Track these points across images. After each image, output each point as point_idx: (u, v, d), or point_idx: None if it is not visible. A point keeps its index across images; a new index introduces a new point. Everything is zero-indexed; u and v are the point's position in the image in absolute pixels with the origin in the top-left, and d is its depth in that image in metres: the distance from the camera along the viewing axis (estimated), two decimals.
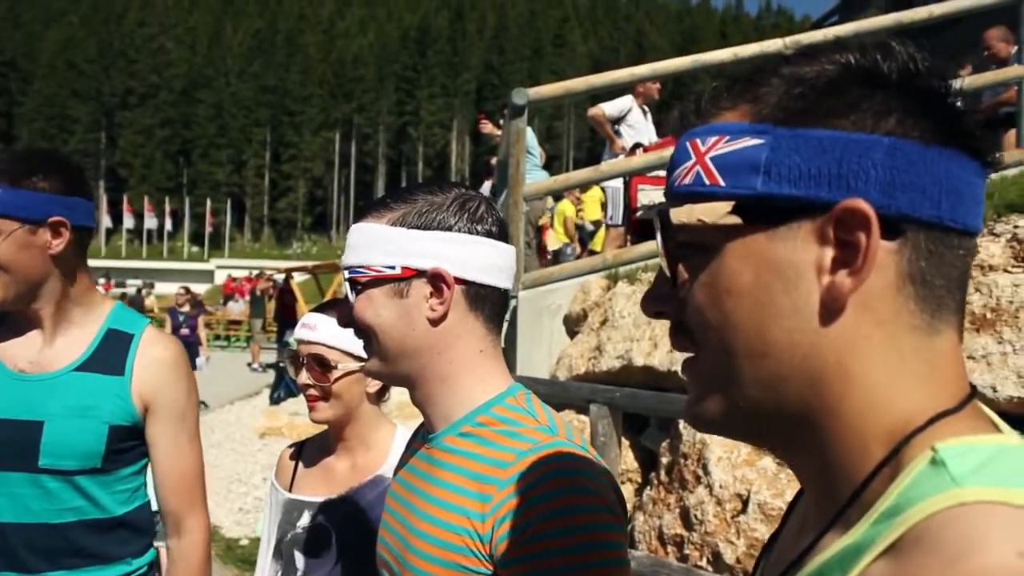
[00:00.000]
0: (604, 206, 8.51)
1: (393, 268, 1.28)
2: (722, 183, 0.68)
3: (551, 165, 9.73)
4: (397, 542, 1.31)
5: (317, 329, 2.02)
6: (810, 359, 0.66)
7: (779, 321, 0.66)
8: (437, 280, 1.27)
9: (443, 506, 1.23)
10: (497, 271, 1.32)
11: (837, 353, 0.66)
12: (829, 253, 0.65)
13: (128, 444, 2.08)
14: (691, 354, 0.73)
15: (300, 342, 2.04)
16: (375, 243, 1.29)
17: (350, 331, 1.94)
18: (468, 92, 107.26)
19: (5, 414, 2.00)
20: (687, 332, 0.72)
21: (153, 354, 2.11)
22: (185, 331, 14.69)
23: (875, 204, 0.63)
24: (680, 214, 0.70)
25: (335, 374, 2.00)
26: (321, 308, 2.11)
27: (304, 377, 2.01)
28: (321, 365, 2.00)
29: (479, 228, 1.30)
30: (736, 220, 0.67)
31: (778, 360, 0.67)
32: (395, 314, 1.28)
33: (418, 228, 1.28)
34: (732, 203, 0.67)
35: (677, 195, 0.71)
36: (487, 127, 9.01)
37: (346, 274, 1.31)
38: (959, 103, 0.67)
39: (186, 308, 15.40)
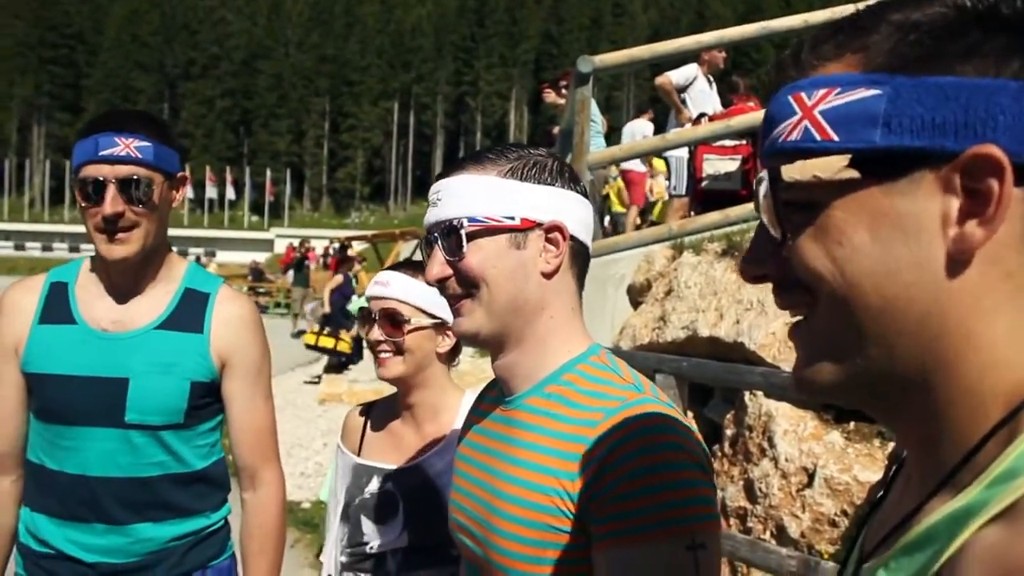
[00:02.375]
0: (667, 176, 8.41)
1: (512, 219, 1.26)
2: (835, 137, 0.65)
3: (611, 136, 9.60)
4: (478, 507, 1.30)
5: (390, 285, 2.03)
6: (930, 315, 0.64)
7: (898, 275, 0.64)
8: (553, 233, 1.27)
9: (530, 467, 1.22)
10: (589, 230, 1.34)
11: (959, 308, 0.63)
12: (955, 203, 0.62)
13: (207, 400, 2.14)
14: (800, 316, 0.71)
15: (372, 299, 2.06)
16: (489, 193, 1.26)
17: (421, 287, 1.98)
18: (527, 62, 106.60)
19: (92, 371, 2.05)
20: (795, 290, 0.70)
21: (230, 312, 2.17)
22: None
23: (1006, 150, 0.60)
24: (792, 171, 0.66)
25: (407, 328, 2.00)
26: (393, 267, 2.12)
27: (376, 333, 2.02)
28: (393, 320, 2.01)
29: (576, 187, 1.33)
30: (854, 174, 0.64)
31: (895, 316, 0.64)
32: (512, 265, 1.26)
33: (533, 182, 1.28)
34: (848, 157, 0.64)
35: (781, 152, 0.68)
36: (550, 96, 8.96)
37: (464, 222, 1.26)
38: None
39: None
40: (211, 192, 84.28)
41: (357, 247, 24.09)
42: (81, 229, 2.13)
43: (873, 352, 0.66)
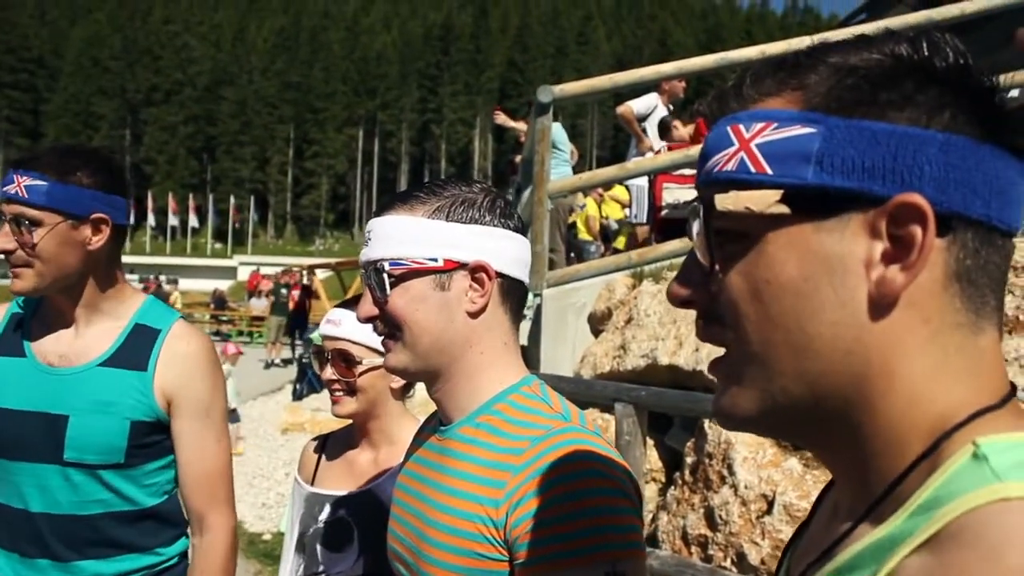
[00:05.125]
0: (627, 204, 8.48)
1: (435, 260, 1.27)
2: (769, 171, 0.66)
3: (575, 164, 9.66)
4: (410, 534, 1.32)
5: (342, 325, 2.02)
6: (853, 355, 0.65)
7: (822, 315, 0.65)
8: (478, 272, 1.28)
9: (458, 495, 1.24)
10: (523, 265, 1.35)
11: (881, 349, 0.65)
12: (879, 247, 0.64)
13: (153, 439, 2.10)
14: (721, 347, 0.72)
15: (325, 337, 2.05)
16: (413, 235, 1.27)
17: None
18: (491, 90, 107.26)
19: (34, 406, 2.03)
20: (718, 323, 0.71)
21: (177, 349, 2.12)
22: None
23: (929, 200, 0.62)
24: (726, 200, 0.68)
25: (359, 369, 2.00)
26: (346, 304, 2.11)
27: (329, 372, 2.02)
28: (345, 360, 2.00)
29: (509, 223, 1.33)
30: (784, 209, 0.66)
31: (818, 355, 0.65)
32: (435, 307, 1.28)
33: (458, 222, 1.29)
34: (780, 192, 0.66)
35: (716, 182, 0.69)
36: (500, 118, 9.06)
37: (385, 266, 1.28)
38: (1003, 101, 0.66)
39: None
40: (174, 219, 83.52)
41: (321, 275, 23.96)
42: None
43: (793, 388, 0.67)
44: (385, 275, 1.28)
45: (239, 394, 11.10)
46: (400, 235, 1.28)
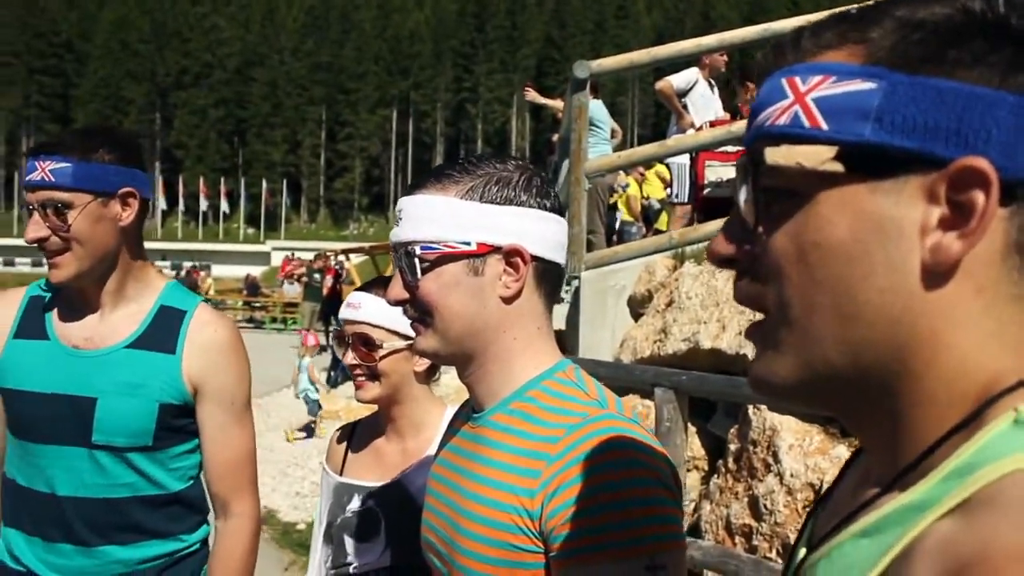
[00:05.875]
0: (668, 184, 8.33)
1: (468, 244, 1.24)
2: (825, 126, 0.63)
3: (618, 144, 9.53)
4: (444, 524, 1.30)
5: (361, 308, 2.02)
6: (900, 324, 0.63)
7: (871, 281, 0.63)
8: (513, 257, 1.25)
9: (492, 485, 1.22)
10: (560, 247, 1.32)
11: (931, 319, 0.62)
12: (937, 212, 0.61)
13: (180, 422, 2.12)
14: (758, 311, 0.69)
15: (345, 321, 2.05)
16: (445, 217, 1.24)
17: (396, 309, 1.89)
18: (528, 67, 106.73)
19: (61, 389, 2.04)
20: (758, 285, 0.68)
21: (205, 335, 2.14)
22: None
23: (995, 165, 0.59)
24: (776, 154, 0.64)
25: (380, 353, 2.00)
26: (366, 287, 2.11)
27: (350, 357, 2.02)
28: (366, 344, 2.00)
29: (546, 203, 1.30)
30: (838, 167, 0.63)
31: (864, 323, 0.63)
32: (468, 292, 1.25)
33: (493, 203, 1.26)
34: (835, 149, 0.63)
35: (768, 135, 0.66)
36: (530, 94, 8.99)
37: (416, 250, 1.25)
38: None
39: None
40: (204, 204, 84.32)
41: (355, 259, 24.01)
42: None
43: (834, 357, 0.65)
44: (417, 259, 1.25)
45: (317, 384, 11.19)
46: (432, 217, 1.25)
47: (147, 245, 2.23)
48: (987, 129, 0.60)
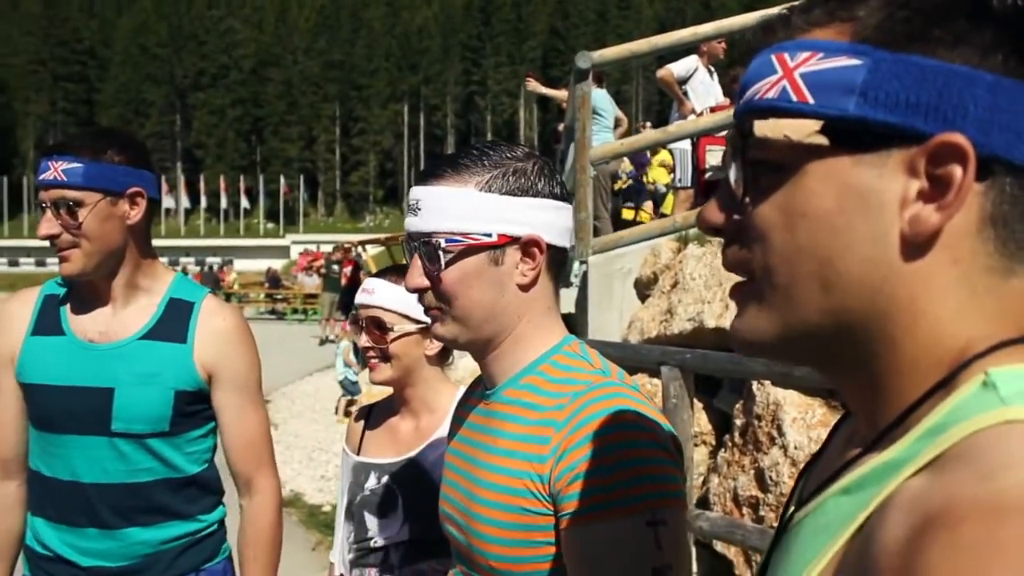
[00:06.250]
0: (672, 169, 8.43)
1: (490, 236, 1.28)
2: (811, 100, 0.65)
3: (624, 133, 9.61)
4: (460, 495, 1.36)
5: (375, 293, 2.10)
6: (880, 291, 0.65)
7: (853, 250, 0.65)
8: (531, 247, 1.30)
9: (505, 454, 1.28)
10: (568, 233, 1.37)
11: (909, 287, 0.65)
12: (916, 185, 0.63)
13: (194, 408, 2.19)
14: (744, 275, 0.72)
15: (360, 306, 2.12)
16: (467, 209, 1.28)
17: (405, 294, 2.00)
18: (534, 59, 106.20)
19: (79, 381, 2.12)
20: (745, 251, 0.71)
21: (214, 325, 2.21)
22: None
23: (972, 141, 0.61)
24: (764, 127, 0.67)
25: (391, 335, 2.06)
26: (380, 274, 2.18)
27: (364, 340, 2.10)
28: (379, 327, 2.07)
29: (557, 191, 1.34)
30: (823, 140, 0.65)
31: (845, 290, 0.66)
32: (488, 281, 1.30)
33: (511, 194, 1.29)
34: (821, 123, 0.65)
35: (757, 109, 0.69)
36: (531, 84, 9.09)
37: (441, 242, 1.28)
38: None
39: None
40: (225, 201, 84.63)
41: (372, 250, 24.15)
42: None
43: (814, 319, 0.67)
44: (442, 252, 1.28)
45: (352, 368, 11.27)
46: (454, 209, 1.28)
47: (172, 243, 2.34)
48: (965, 106, 0.62)
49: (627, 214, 10.13)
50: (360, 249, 22.64)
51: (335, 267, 21.48)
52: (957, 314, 0.65)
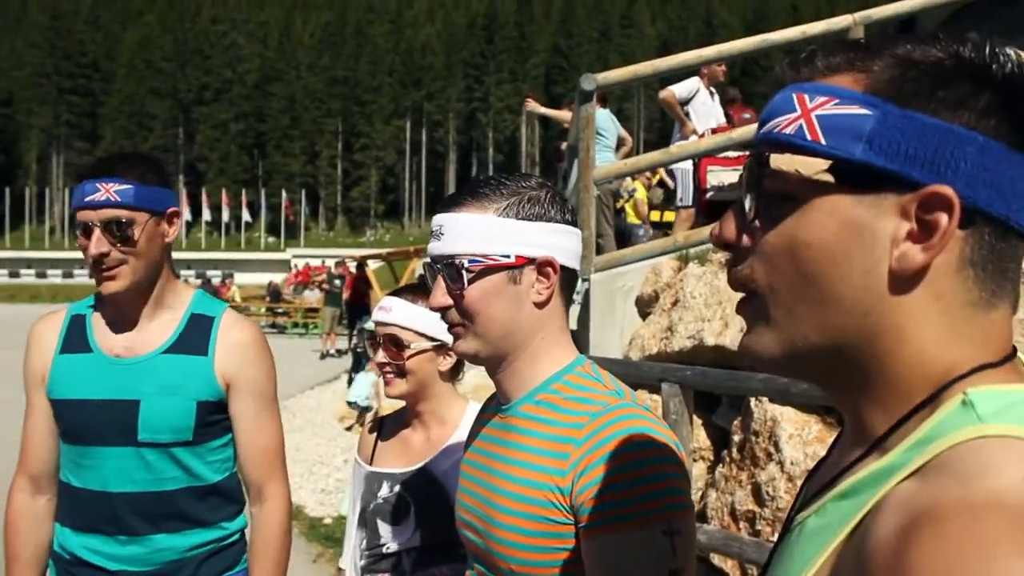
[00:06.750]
0: (668, 190, 8.53)
1: (508, 256, 1.39)
2: (823, 141, 0.72)
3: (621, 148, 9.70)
4: (480, 504, 1.45)
5: (392, 311, 2.18)
6: (870, 316, 0.72)
7: (849, 279, 0.72)
8: (545, 267, 1.41)
9: (525, 466, 1.37)
10: (578, 256, 1.48)
11: (896, 316, 0.72)
12: (906, 227, 0.70)
13: (215, 418, 2.28)
14: (746, 292, 0.80)
15: (377, 323, 2.20)
16: (488, 233, 1.39)
17: (421, 312, 2.12)
18: (537, 76, 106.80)
19: (106, 395, 2.20)
20: (750, 271, 0.78)
21: (234, 337, 2.30)
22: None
23: (959, 193, 0.68)
24: (780, 161, 0.74)
25: (408, 352, 2.15)
26: (396, 292, 2.26)
27: (381, 356, 2.18)
28: (396, 344, 2.15)
29: (568, 217, 1.45)
30: (830, 179, 0.72)
31: (841, 312, 0.73)
32: (507, 299, 1.40)
33: (528, 219, 1.40)
34: (829, 162, 0.72)
35: (775, 141, 0.76)
36: (530, 104, 9.22)
37: (465, 262, 1.38)
38: None
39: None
40: (227, 215, 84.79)
41: (373, 265, 24.24)
42: None
43: (814, 337, 0.75)
44: (464, 271, 1.38)
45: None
46: (476, 233, 1.39)
47: (174, 255, 2.36)
48: (957, 162, 0.69)
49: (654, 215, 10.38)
50: (356, 263, 22.72)
51: (337, 282, 21.57)
52: (940, 340, 0.72)
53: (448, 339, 1.61)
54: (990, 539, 0.58)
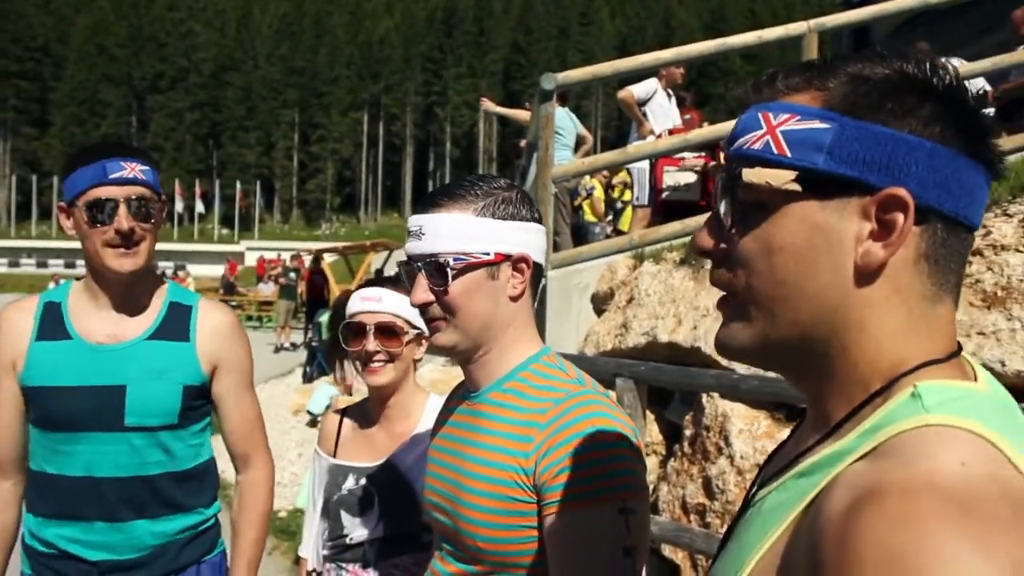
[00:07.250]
0: (631, 187, 8.63)
1: (488, 254, 1.48)
2: (789, 154, 0.81)
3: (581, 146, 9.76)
4: (448, 486, 1.53)
5: (383, 301, 2.23)
6: (836, 310, 0.81)
7: (818, 277, 0.81)
8: (520, 263, 1.51)
9: (492, 449, 1.46)
10: (544, 252, 1.59)
11: (859, 310, 0.81)
12: (867, 227, 0.79)
13: (197, 403, 2.34)
14: (725, 291, 0.88)
15: (364, 313, 2.23)
16: (469, 232, 1.48)
17: (407, 301, 2.16)
18: (495, 72, 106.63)
19: (90, 381, 2.21)
20: (729, 272, 0.87)
21: (213, 322, 2.38)
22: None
23: (912, 193, 0.77)
24: (751, 175, 0.83)
25: (405, 339, 2.22)
26: (379, 283, 2.31)
27: (372, 344, 2.20)
28: (391, 332, 2.21)
29: (536, 216, 1.56)
30: (797, 187, 0.81)
31: (812, 308, 0.81)
32: (486, 294, 1.50)
33: (503, 219, 1.50)
34: (795, 173, 0.81)
35: (745, 156, 0.84)
36: (485, 104, 9.32)
37: (449, 260, 1.46)
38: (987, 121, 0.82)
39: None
40: (180, 205, 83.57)
41: (328, 259, 24.09)
42: (48, 244, 2.33)
43: (785, 330, 0.83)
44: (449, 269, 1.47)
45: None
46: (457, 232, 1.47)
47: None
48: (908, 166, 0.78)
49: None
50: (311, 257, 22.57)
51: (292, 275, 21.42)
52: (895, 332, 0.81)
53: (423, 327, 1.69)
54: (924, 517, 0.65)
